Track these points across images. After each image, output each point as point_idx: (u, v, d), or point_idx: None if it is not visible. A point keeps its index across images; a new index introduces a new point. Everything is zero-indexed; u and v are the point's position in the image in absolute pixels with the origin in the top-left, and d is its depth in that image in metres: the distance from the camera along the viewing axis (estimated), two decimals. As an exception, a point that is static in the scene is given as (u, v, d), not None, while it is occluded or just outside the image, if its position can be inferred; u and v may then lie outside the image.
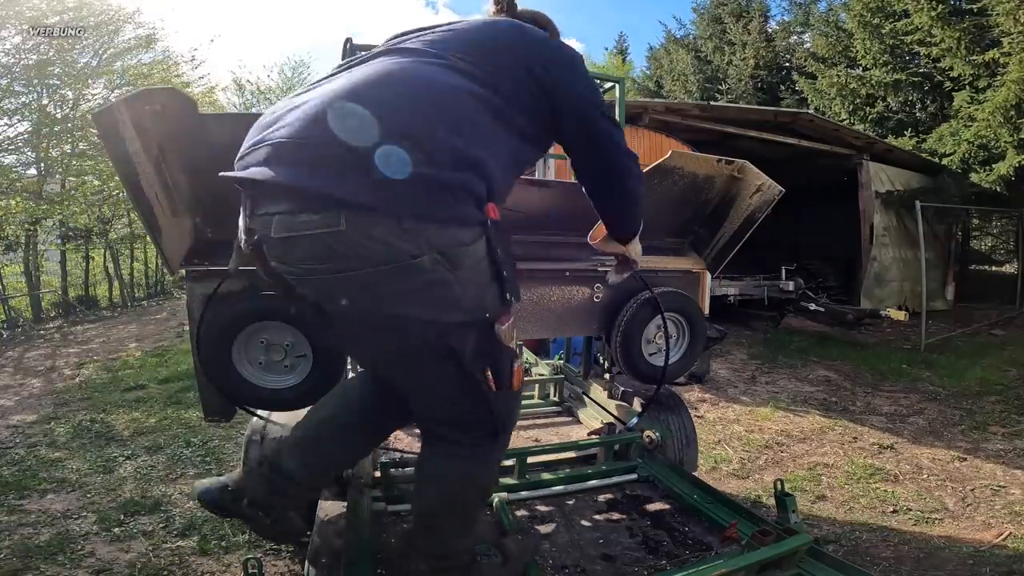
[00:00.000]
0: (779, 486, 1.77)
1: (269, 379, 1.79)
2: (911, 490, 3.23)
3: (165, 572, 2.31)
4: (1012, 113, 8.26)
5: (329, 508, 1.80)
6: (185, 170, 1.57)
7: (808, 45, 15.11)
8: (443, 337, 1.08)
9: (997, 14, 8.23)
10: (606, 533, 1.80)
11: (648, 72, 21.64)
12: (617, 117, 3.10)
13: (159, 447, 3.60)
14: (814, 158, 9.12)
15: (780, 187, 2.09)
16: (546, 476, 2.15)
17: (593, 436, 2.61)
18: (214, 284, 1.69)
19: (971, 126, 9.00)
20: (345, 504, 1.81)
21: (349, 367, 2.07)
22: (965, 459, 3.68)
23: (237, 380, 1.74)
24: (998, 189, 8.95)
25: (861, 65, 12.25)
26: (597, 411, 2.79)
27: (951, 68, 9.75)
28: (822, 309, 7.63)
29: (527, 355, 4.10)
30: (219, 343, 1.71)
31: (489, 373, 1.14)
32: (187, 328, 1.88)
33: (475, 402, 1.16)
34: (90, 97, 9.63)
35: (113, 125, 1.35)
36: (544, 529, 1.82)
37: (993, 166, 8.77)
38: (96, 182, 9.86)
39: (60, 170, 9.64)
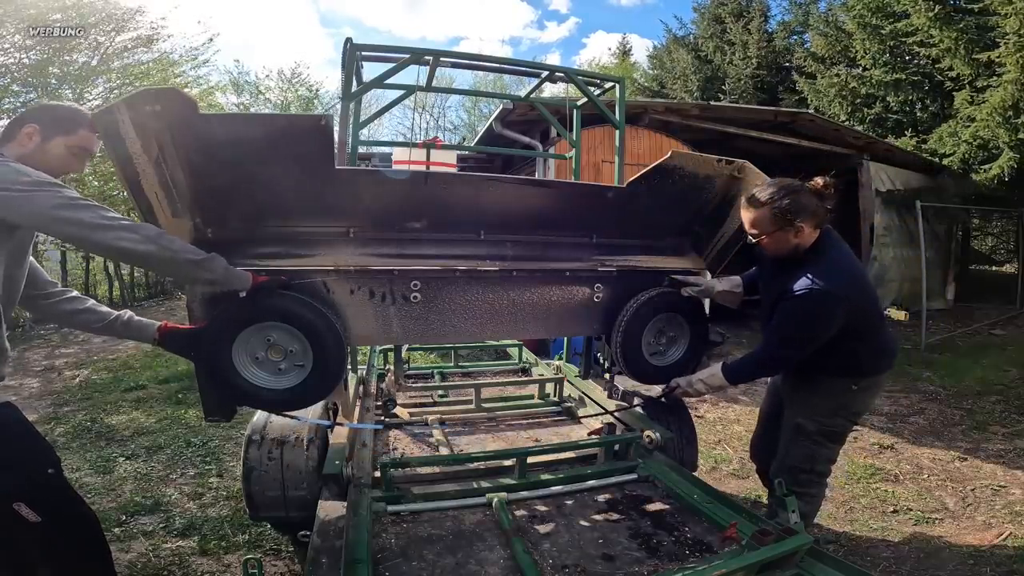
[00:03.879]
0: (779, 486, 1.77)
1: (264, 378, 1.79)
2: (911, 490, 3.24)
3: (165, 572, 2.31)
4: (1010, 113, 8.26)
5: (329, 508, 1.81)
6: (185, 170, 1.57)
7: (808, 45, 15.12)
8: None
9: (998, 14, 8.23)
10: (606, 533, 1.80)
11: (650, 72, 21.64)
12: (617, 117, 3.10)
13: (159, 447, 3.60)
14: (814, 158, 9.12)
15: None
16: (546, 476, 2.15)
17: (593, 436, 2.61)
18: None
19: (970, 126, 9.01)
20: (345, 504, 1.81)
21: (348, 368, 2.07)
22: (965, 459, 3.68)
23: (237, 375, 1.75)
24: (996, 185, 8.95)
25: (861, 65, 12.25)
26: (597, 411, 2.79)
27: (951, 68, 9.75)
28: (822, 309, 7.61)
29: (527, 355, 4.11)
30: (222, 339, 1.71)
31: None
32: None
33: None
34: (90, 97, 9.62)
35: (113, 125, 1.36)
36: (544, 529, 1.82)
37: (991, 164, 8.79)
38: (96, 182, 9.85)
39: (60, 170, 9.62)
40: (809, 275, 1.82)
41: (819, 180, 1.91)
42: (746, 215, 1.93)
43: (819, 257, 1.89)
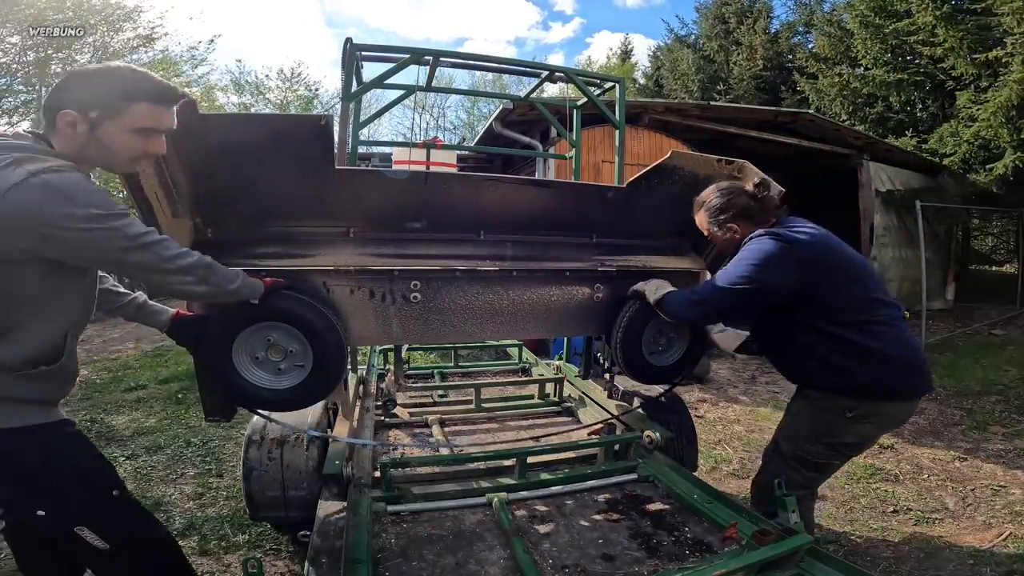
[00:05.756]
0: (779, 486, 1.77)
1: (264, 378, 1.78)
2: (911, 490, 3.24)
3: (165, 572, 2.31)
4: (1013, 113, 8.26)
5: (329, 508, 1.81)
6: (185, 170, 1.57)
7: (811, 45, 15.13)
8: None
9: (1002, 13, 8.22)
10: (606, 533, 1.80)
11: (650, 73, 21.63)
12: (617, 117, 3.10)
13: (159, 447, 3.60)
14: (814, 158, 9.12)
15: (780, 187, 2.08)
16: (546, 476, 2.16)
17: (593, 436, 2.61)
18: None
19: (971, 126, 9.00)
20: (345, 504, 1.81)
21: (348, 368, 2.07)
22: (965, 459, 3.68)
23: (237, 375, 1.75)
24: (994, 189, 8.96)
25: (862, 65, 12.25)
26: (597, 411, 2.79)
27: (953, 67, 9.74)
28: (822, 309, 7.63)
29: (527, 355, 4.11)
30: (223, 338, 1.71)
31: None
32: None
33: None
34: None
35: (113, 125, 1.35)
36: (544, 529, 1.82)
37: (993, 164, 8.79)
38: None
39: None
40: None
41: (755, 178, 2.02)
42: (695, 217, 2.04)
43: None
